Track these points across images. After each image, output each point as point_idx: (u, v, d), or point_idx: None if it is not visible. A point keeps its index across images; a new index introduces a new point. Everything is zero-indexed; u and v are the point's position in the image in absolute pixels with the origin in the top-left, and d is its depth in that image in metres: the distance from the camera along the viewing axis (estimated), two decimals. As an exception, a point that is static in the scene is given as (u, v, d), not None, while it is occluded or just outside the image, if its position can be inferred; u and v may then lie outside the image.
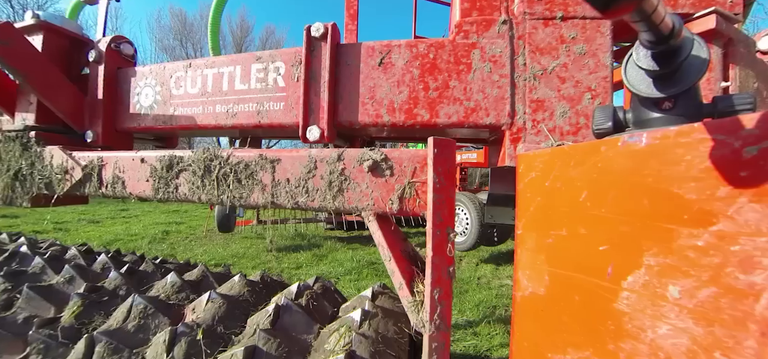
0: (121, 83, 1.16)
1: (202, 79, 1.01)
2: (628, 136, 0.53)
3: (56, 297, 0.76)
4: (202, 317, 0.63)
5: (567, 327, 0.59)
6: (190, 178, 0.85)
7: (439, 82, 0.77)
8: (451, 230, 0.54)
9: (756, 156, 0.40)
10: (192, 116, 1.03)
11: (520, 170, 0.75)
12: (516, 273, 0.73)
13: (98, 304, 0.73)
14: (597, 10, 0.40)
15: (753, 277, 0.39)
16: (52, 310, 0.73)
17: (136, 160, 0.94)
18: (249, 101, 0.95)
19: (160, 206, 10.93)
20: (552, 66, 0.69)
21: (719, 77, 0.74)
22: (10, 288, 0.79)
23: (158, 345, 0.56)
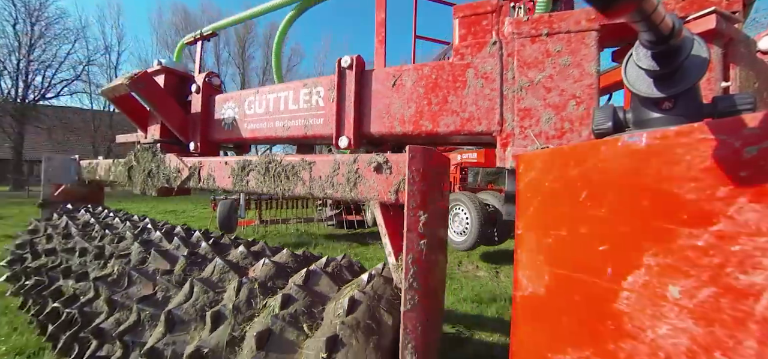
0: (211, 107, 1.54)
1: (265, 102, 1.32)
2: (628, 136, 0.53)
3: (171, 257, 1.17)
4: (258, 274, 0.94)
5: (567, 327, 0.59)
6: (256, 176, 1.13)
7: (439, 98, 0.92)
8: (423, 213, 0.68)
9: (756, 156, 0.40)
10: (259, 130, 1.35)
11: (519, 171, 0.75)
12: (516, 273, 0.73)
13: (195, 263, 1.13)
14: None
15: (753, 277, 0.39)
16: (168, 265, 1.14)
17: (221, 163, 1.26)
18: (298, 117, 1.21)
19: (157, 206, 10.70)
20: (539, 78, 0.77)
21: (719, 77, 0.74)
22: (143, 250, 1.25)
23: (230, 289, 0.89)
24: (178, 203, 11.49)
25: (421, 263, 0.69)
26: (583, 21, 0.74)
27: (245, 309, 0.80)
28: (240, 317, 0.79)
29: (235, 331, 0.76)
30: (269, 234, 5.92)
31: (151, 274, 1.09)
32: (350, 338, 0.65)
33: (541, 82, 0.77)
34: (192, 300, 0.90)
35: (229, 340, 0.74)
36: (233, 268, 1.01)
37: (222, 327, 0.78)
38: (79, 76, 24.18)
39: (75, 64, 24.21)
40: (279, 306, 0.76)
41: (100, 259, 1.32)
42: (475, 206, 4.62)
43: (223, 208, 4.53)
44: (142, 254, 1.23)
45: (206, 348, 0.73)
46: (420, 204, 0.69)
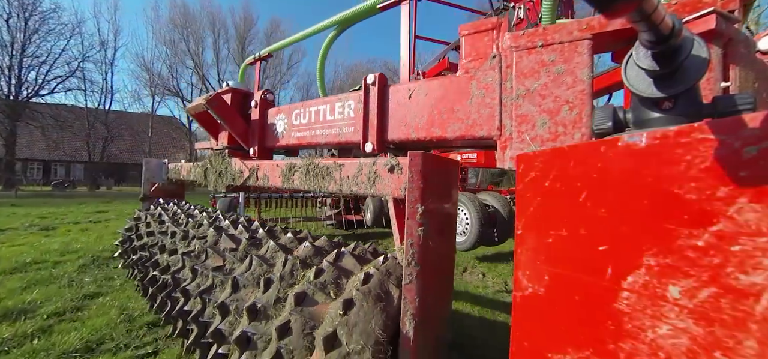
0: (266, 118, 1.81)
1: (308, 114, 1.55)
2: (628, 136, 0.53)
3: (236, 239, 1.48)
4: (300, 253, 1.16)
5: (567, 327, 0.59)
6: (299, 175, 1.37)
7: (447, 108, 1.03)
8: (420, 205, 0.78)
9: (756, 156, 0.40)
10: (303, 138, 1.60)
11: (519, 170, 0.75)
12: (516, 273, 0.73)
13: (254, 244, 1.41)
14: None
15: (753, 277, 0.39)
16: (234, 245, 1.43)
17: (274, 165, 1.57)
18: (334, 126, 1.41)
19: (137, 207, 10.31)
20: (534, 86, 0.84)
21: (719, 78, 0.74)
22: (216, 233, 1.55)
23: (278, 263, 1.14)
24: None
25: (419, 245, 0.79)
26: (575, 31, 0.79)
27: (288, 278, 1.05)
28: (284, 283, 1.04)
29: (280, 293, 1.01)
30: None
31: (222, 251, 1.42)
32: (362, 302, 0.83)
33: (537, 90, 0.83)
34: (250, 270, 1.20)
35: (276, 299, 1.00)
36: (282, 248, 1.28)
37: (271, 290, 1.04)
38: (74, 73, 23.67)
39: (70, 61, 23.60)
40: (313, 276, 0.98)
41: (185, 239, 1.73)
42: (475, 207, 4.62)
43: (222, 206, 4.54)
44: (215, 236, 1.55)
45: (259, 304, 1.00)
46: (417, 198, 0.80)
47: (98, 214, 8.23)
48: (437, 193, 0.86)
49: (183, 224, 1.91)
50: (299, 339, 0.85)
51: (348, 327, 0.79)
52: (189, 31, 26.92)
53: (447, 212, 0.94)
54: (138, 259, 2.00)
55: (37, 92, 21.91)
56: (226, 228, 1.58)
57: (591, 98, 0.79)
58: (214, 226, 1.65)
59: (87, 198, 13.37)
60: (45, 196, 14.52)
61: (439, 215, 0.87)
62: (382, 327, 0.79)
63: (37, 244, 4.64)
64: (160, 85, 25.33)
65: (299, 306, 0.90)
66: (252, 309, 0.99)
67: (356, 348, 0.75)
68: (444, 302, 0.96)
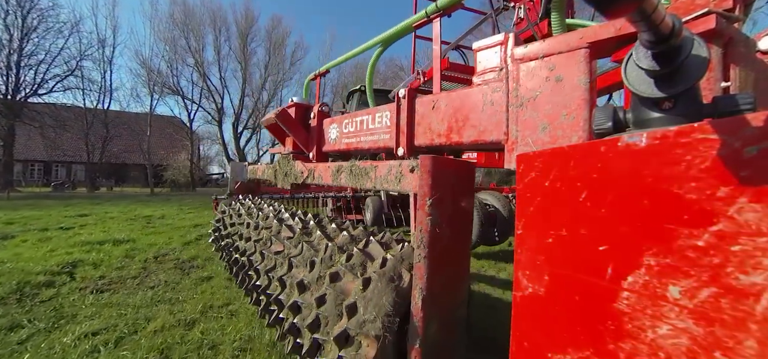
0: (322, 127, 2.12)
1: (355, 124, 1.81)
2: (628, 136, 0.53)
3: (292, 229, 1.74)
4: (338, 241, 1.38)
5: (567, 327, 0.59)
6: (345, 175, 1.60)
7: (462, 116, 1.16)
8: (429, 199, 0.87)
9: (756, 156, 0.40)
10: (350, 143, 1.84)
11: (519, 171, 0.75)
12: (516, 273, 0.73)
13: (306, 233, 1.67)
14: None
15: (753, 277, 0.39)
16: (291, 234, 1.69)
17: (326, 167, 1.81)
18: (375, 134, 1.64)
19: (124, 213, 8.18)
20: (536, 94, 0.91)
21: (719, 77, 0.74)
22: (278, 224, 1.86)
23: (321, 249, 1.36)
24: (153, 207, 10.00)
25: (427, 232, 0.90)
26: (572, 42, 0.85)
27: (328, 261, 1.27)
28: (324, 265, 1.26)
29: (321, 273, 1.23)
30: None
31: (282, 239, 1.70)
32: (378, 281, 1.01)
33: (539, 98, 0.91)
34: (301, 254, 1.45)
35: (318, 277, 1.23)
36: (326, 237, 1.52)
37: (315, 269, 1.27)
38: (73, 72, 22.89)
39: (68, 59, 22.79)
40: (345, 260, 1.20)
41: (256, 229, 2.04)
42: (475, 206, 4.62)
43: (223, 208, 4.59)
44: (278, 227, 1.85)
45: (306, 280, 1.26)
46: (426, 193, 0.90)
47: (77, 219, 7.14)
48: (446, 189, 0.96)
49: (254, 217, 2.25)
50: (332, 308, 1.09)
51: (365, 300, 0.99)
52: (189, 28, 26.29)
53: (457, 206, 1.03)
54: (224, 245, 2.50)
55: (35, 91, 21.43)
56: (286, 220, 1.90)
57: (588, 103, 0.83)
58: (277, 218, 1.99)
59: (81, 200, 12.64)
60: (40, 197, 13.87)
61: (447, 208, 0.97)
62: (392, 302, 0.95)
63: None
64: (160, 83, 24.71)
65: (333, 283, 1.14)
66: (300, 284, 1.27)
67: (370, 317, 0.95)
68: (457, 284, 1.05)
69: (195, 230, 5.75)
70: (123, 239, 4.80)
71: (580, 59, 0.83)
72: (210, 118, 27.71)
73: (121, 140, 26.61)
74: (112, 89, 25.07)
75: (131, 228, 5.88)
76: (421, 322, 0.88)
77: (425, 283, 0.88)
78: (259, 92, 28.48)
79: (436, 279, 0.91)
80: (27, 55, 21.24)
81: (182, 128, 27.69)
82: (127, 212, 8.57)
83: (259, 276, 1.67)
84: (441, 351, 0.96)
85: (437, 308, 0.91)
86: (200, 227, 6.13)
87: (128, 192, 20.46)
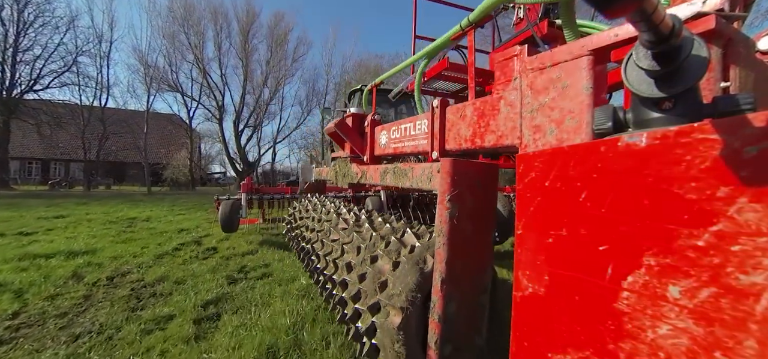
0: (374, 134, 2.38)
1: (400, 131, 2.04)
2: (628, 136, 0.53)
3: (347, 221, 2.03)
4: (382, 232, 1.61)
5: (567, 327, 0.59)
6: (390, 176, 1.83)
7: (484, 123, 1.28)
8: (448, 195, 0.99)
9: (756, 156, 0.40)
10: (397, 148, 2.06)
11: (519, 170, 0.75)
12: (516, 273, 0.73)
13: (358, 224, 1.92)
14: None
15: (753, 277, 0.39)
16: (345, 225, 1.99)
17: (375, 169, 2.08)
18: (416, 139, 1.84)
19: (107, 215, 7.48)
20: (545, 100, 0.98)
21: (719, 78, 0.74)
22: (336, 216, 2.16)
23: (367, 236, 1.61)
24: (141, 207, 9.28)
25: (446, 223, 0.99)
26: (575, 50, 0.92)
27: (371, 247, 1.50)
28: (368, 250, 1.49)
29: (365, 256, 1.45)
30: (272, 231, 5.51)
31: (338, 229, 1.97)
32: (405, 264, 1.20)
33: (547, 104, 0.98)
34: (352, 241, 1.68)
35: (362, 260, 1.46)
36: (372, 228, 1.73)
37: (360, 254, 1.51)
38: (70, 68, 22.13)
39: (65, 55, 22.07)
40: (384, 246, 1.42)
41: (319, 221, 2.36)
42: None
43: (225, 208, 4.50)
44: (336, 219, 2.13)
45: (353, 262, 1.51)
46: (445, 190, 1.00)
47: (50, 221, 6.34)
48: (465, 187, 1.07)
49: (318, 212, 2.61)
50: (370, 284, 1.30)
51: (394, 278, 1.19)
52: (189, 24, 25.51)
53: (477, 203, 1.13)
54: (294, 236, 2.85)
55: (31, 87, 20.72)
56: (343, 214, 2.19)
57: (591, 107, 0.87)
58: (336, 213, 2.28)
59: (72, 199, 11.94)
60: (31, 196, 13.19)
61: (467, 204, 1.08)
62: (416, 281, 1.13)
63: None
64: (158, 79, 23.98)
65: (372, 263, 1.37)
66: (348, 265, 1.53)
67: (396, 291, 1.14)
68: (477, 272, 1.16)
69: (178, 237, 4.94)
70: (83, 250, 3.93)
71: (583, 66, 0.89)
72: (210, 115, 27.14)
73: (120, 138, 26.00)
74: (109, 86, 24.26)
75: (104, 234, 5.13)
76: (440, 300, 0.99)
77: (444, 267, 0.98)
78: (260, 89, 27.83)
79: (455, 265, 1.01)
80: (23, 50, 20.62)
81: (182, 126, 27.03)
82: (111, 213, 7.91)
83: (319, 259, 1.96)
84: (460, 329, 1.07)
85: (456, 290, 1.02)
86: (185, 233, 5.26)
87: (126, 191, 19.90)
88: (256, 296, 2.59)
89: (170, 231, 5.42)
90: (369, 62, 30.30)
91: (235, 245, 4.39)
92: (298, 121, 30.41)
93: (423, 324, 1.11)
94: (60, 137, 23.91)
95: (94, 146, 23.49)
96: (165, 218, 7.12)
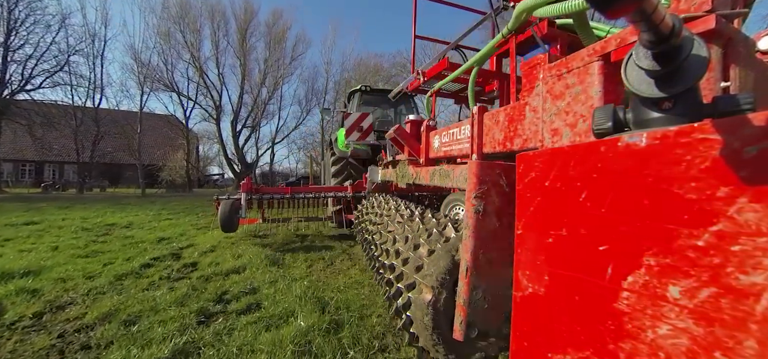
0: (429, 138, 2.54)
1: (449, 135, 2.18)
2: (628, 136, 0.53)
3: (402, 216, 2.17)
4: (428, 226, 1.71)
5: (567, 327, 0.59)
6: (437, 176, 2.08)
7: (513, 127, 1.40)
8: (474, 193, 1.03)
9: (756, 156, 0.40)
10: (447, 151, 2.20)
11: (519, 170, 0.75)
12: (516, 273, 0.73)
13: (411, 219, 2.00)
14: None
15: (753, 277, 0.39)
16: (401, 218, 2.13)
17: (427, 170, 2.32)
18: (461, 143, 1.97)
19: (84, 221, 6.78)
20: (562, 105, 1.06)
21: (719, 77, 0.74)
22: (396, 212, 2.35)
23: (416, 228, 1.80)
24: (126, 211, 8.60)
25: (471, 217, 1.05)
26: (585, 57, 0.98)
27: (416, 238, 1.63)
28: (413, 240, 1.63)
29: (410, 244, 1.62)
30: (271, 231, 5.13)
31: (394, 222, 2.14)
32: (440, 251, 1.36)
33: (563, 108, 1.06)
34: (403, 233, 1.83)
35: (407, 248, 1.62)
36: (421, 222, 1.88)
37: (407, 243, 1.68)
38: (63, 68, 21.26)
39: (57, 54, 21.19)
40: (426, 237, 1.56)
41: (380, 216, 2.61)
42: None
43: (224, 207, 4.47)
44: (394, 214, 2.31)
45: (401, 249, 1.69)
46: (472, 188, 1.05)
47: (18, 228, 5.71)
48: (491, 186, 1.14)
49: (381, 208, 2.87)
50: (411, 267, 1.47)
51: (429, 261, 1.38)
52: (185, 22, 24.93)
53: (505, 201, 1.20)
54: (360, 229, 3.21)
55: (22, 87, 19.84)
56: (401, 211, 2.38)
57: None
58: (395, 209, 2.51)
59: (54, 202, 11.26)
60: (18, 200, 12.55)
61: (494, 202, 1.14)
62: (447, 266, 1.30)
63: None
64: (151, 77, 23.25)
65: (415, 250, 1.55)
66: (396, 251, 1.73)
67: (429, 273, 1.31)
68: (502, 264, 1.19)
69: (154, 249, 4.19)
70: (25, 270, 3.15)
71: (593, 72, 0.96)
72: (207, 115, 26.71)
73: (115, 139, 25.24)
74: (103, 86, 23.63)
75: (69, 245, 4.43)
76: (465, 286, 1.08)
77: (469, 257, 1.06)
78: (258, 88, 27.36)
79: (479, 256, 1.08)
80: (13, 49, 19.82)
81: (179, 127, 26.45)
82: (90, 218, 7.24)
83: (377, 248, 2.22)
84: (486, 316, 1.14)
85: (482, 279, 1.09)
86: (165, 244, 4.53)
87: (120, 194, 19.20)
88: (232, 349, 1.77)
89: (148, 241, 4.70)
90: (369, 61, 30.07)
91: (219, 260, 3.64)
92: (297, 121, 30.00)
93: (452, 305, 1.24)
94: (54, 139, 23.22)
95: (87, 148, 22.90)
96: (148, 225, 6.34)
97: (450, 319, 1.22)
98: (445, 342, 1.27)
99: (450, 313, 1.22)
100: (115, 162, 28.13)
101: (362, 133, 5.62)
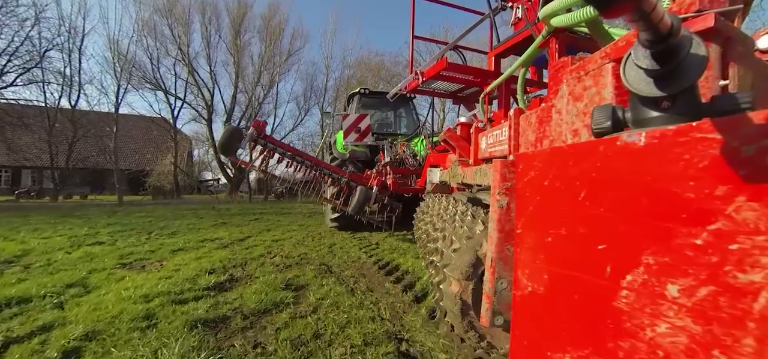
0: (476, 139, 2.55)
1: (492, 137, 2.19)
2: (626, 135, 0.53)
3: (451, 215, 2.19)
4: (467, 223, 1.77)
5: (566, 326, 0.59)
6: (478, 175, 2.16)
7: (542, 129, 1.43)
8: (499, 190, 1.04)
9: (754, 155, 0.40)
10: (491, 152, 2.22)
11: (519, 170, 0.75)
12: (515, 273, 0.73)
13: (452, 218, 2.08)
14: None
15: (751, 276, 0.39)
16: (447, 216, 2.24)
17: (472, 170, 2.37)
18: (502, 144, 1.99)
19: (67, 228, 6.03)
20: (580, 106, 1.09)
21: (718, 76, 0.74)
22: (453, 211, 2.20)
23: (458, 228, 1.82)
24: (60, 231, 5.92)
25: (496, 212, 1.07)
26: (598, 59, 1.00)
27: (454, 234, 1.73)
28: (451, 237, 1.73)
29: (448, 241, 1.75)
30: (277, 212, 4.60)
31: (443, 220, 2.24)
32: (466, 245, 1.51)
33: (582, 109, 1.08)
34: (447, 231, 1.92)
35: (445, 245, 1.74)
36: (462, 221, 1.93)
37: (446, 240, 1.80)
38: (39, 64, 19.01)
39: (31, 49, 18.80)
40: (461, 234, 1.64)
41: (432, 215, 2.70)
42: None
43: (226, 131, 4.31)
44: (444, 213, 2.37)
45: (439, 244, 1.86)
46: (495, 186, 1.05)
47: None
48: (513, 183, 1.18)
49: (435, 208, 2.95)
50: (445, 262, 1.60)
51: (458, 253, 1.53)
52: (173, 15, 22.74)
53: None
54: (420, 229, 3.28)
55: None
56: (449, 210, 2.45)
57: None
58: (449, 207, 2.56)
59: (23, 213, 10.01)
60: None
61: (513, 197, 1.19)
62: (470, 260, 1.45)
63: None
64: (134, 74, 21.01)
65: (449, 247, 1.68)
66: (439, 249, 1.85)
67: (456, 266, 1.47)
68: None
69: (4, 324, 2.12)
70: None
71: (606, 74, 0.98)
72: (197, 115, 24.35)
73: (97, 141, 22.87)
74: (81, 83, 21.31)
75: None
76: (490, 277, 1.11)
77: (494, 249, 1.10)
78: (253, 87, 25.13)
79: (504, 248, 1.11)
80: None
81: (168, 129, 24.35)
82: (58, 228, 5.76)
83: (428, 244, 2.38)
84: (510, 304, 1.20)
85: (506, 271, 1.12)
86: (37, 306, 2.41)
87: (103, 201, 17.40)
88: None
89: (7, 298, 2.51)
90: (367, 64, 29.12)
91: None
92: (294, 121, 28.26)
93: (480, 296, 1.31)
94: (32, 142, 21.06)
95: (63, 151, 20.81)
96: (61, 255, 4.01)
97: (478, 309, 1.30)
98: (474, 328, 1.45)
99: (479, 304, 1.30)
100: (99, 168, 25.35)
101: (360, 134, 5.60)
